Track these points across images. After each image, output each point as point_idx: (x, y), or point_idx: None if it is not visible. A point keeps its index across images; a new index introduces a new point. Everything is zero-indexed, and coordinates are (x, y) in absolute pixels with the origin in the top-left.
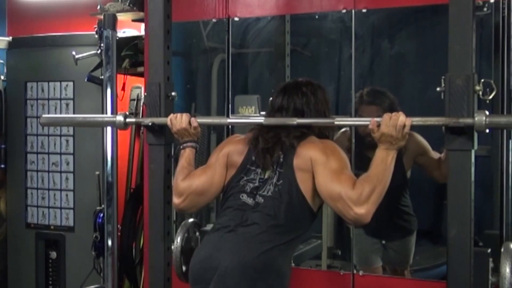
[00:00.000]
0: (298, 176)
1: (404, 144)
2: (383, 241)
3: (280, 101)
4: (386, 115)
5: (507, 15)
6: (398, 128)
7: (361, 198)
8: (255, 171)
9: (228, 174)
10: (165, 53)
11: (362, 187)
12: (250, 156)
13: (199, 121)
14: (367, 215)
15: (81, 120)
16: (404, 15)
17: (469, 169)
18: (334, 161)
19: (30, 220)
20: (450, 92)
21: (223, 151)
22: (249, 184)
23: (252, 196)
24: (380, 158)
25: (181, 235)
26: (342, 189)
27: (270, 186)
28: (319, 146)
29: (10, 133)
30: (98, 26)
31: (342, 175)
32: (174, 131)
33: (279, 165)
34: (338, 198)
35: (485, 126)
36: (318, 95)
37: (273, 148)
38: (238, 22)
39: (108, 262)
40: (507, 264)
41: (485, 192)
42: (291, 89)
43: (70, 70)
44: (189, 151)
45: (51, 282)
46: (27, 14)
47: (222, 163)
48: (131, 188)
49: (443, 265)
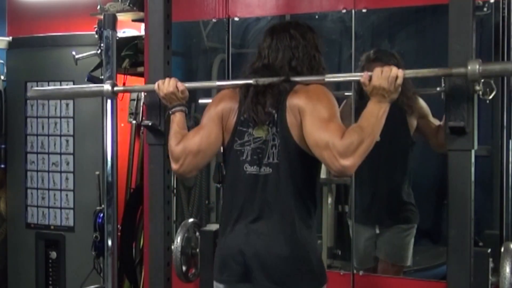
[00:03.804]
0: (294, 133)
1: (396, 97)
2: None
3: (267, 45)
4: (377, 68)
5: (507, 15)
6: (391, 80)
7: (348, 150)
8: (247, 132)
9: (225, 135)
10: (165, 53)
11: (350, 138)
12: (240, 114)
13: (187, 85)
14: (352, 168)
15: (68, 91)
16: (404, 15)
17: (469, 169)
18: (322, 108)
19: (30, 220)
20: (450, 92)
21: (217, 109)
22: (246, 148)
23: (258, 165)
24: (371, 110)
25: (181, 235)
26: (329, 138)
27: (272, 150)
28: (305, 94)
29: (10, 133)
30: (98, 26)
31: (331, 123)
32: (162, 95)
33: (274, 124)
34: (325, 147)
35: (479, 75)
36: (307, 37)
37: (264, 93)
38: (238, 22)
39: (108, 262)
40: (507, 264)
41: (485, 192)
42: (278, 32)
43: (70, 70)
44: (179, 115)
45: (51, 282)
46: (27, 14)
47: (216, 121)
48: (131, 188)
49: (443, 265)
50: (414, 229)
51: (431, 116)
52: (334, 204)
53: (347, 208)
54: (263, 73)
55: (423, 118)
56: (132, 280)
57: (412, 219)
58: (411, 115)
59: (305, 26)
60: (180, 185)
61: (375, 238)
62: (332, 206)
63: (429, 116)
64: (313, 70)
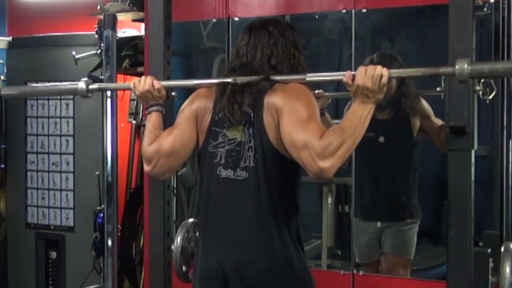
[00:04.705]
0: (271, 135)
1: (382, 97)
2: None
3: (245, 43)
4: (361, 67)
5: (507, 15)
6: (375, 78)
7: (327, 151)
8: (222, 133)
9: (200, 136)
10: (165, 53)
11: (329, 139)
12: (215, 114)
13: (163, 84)
14: (331, 170)
15: (42, 89)
16: (404, 15)
17: (469, 169)
18: (301, 107)
19: (30, 220)
20: (450, 92)
21: (191, 108)
22: (219, 150)
23: (232, 168)
24: (355, 111)
25: (181, 235)
26: (308, 138)
27: (249, 152)
28: (283, 92)
29: (10, 133)
30: (98, 26)
31: (310, 123)
32: (138, 94)
33: (251, 124)
34: (303, 148)
35: (467, 75)
36: (287, 35)
37: (242, 92)
38: (238, 22)
39: (108, 262)
40: (507, 264)
41: (485, 192)
42: (257, 29)
43: (70, 70)
44: (155, 115)
45: (51, 282)
46: (27, 14)
47: (191, 120)
48: (131, 188)
49: (443, 265)
50: (417, 225)
51: (434, 117)
52: (334, 204)
53: (347, 208)
54: (242, 72)
55: (426, 118)
56: (132, 280)
57: (415, 214)
58: (414, 116)
59: (284, 23)
60: (180, 185)
61: (379, 233)
62: (332, 206)
63: (432, 116)
64: (293, 69)
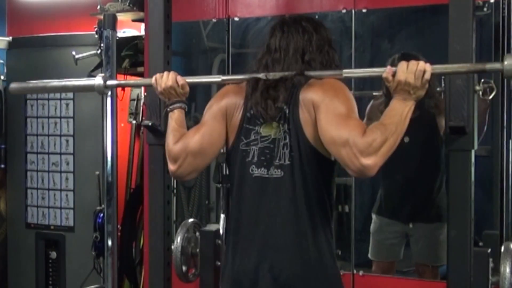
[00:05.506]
0: (307, 131)
1: (423, 94)
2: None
3: (278, 38)
4: (402, 62)
5: (507, 15)
6: (418, 74)
7: (371, 148)
8: (254, 130)
9: (229, 134)
10: (165, 53)
11: (373, 135)
12: (247, 111)
13: (188, 81)
14: (374, 168)
15: (56, 85)
16: (404, 15)
17: (469, 169)
18: (340, 103)
19: (30, 220)
20: (450, 92)
21: (220, 105)
22: (252, 148)
23: (265, 167)
24: (396, 108)
25: (181, 235)
26: (349, 135)
27: (284, 149)
28: (321, 88)
29: (10, 133)
30: (98, 26)
31: (350, 119)
32: (160, 90)
33: (286, 120)
34: (344, 145)
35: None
36: (320, 32)
37: (276, 87)
38: (238, 22)
39: (108, 262)
40: (507, 264)
41: (485, 192)
42: (290, 25)
43: (70, 70)
44: (178, 113)
45: (51, 282)
46: (27, 14)
47: (220, 118)
48: (131, 188)
49: (443, 265)
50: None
51: None
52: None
53: (347, 208)
54: (274, 68)
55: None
56: (132, 280)
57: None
58: (440, 115)
59: (317, 20)
60: (180, 185)
61: (404, 235)
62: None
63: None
64: (326, 65)
